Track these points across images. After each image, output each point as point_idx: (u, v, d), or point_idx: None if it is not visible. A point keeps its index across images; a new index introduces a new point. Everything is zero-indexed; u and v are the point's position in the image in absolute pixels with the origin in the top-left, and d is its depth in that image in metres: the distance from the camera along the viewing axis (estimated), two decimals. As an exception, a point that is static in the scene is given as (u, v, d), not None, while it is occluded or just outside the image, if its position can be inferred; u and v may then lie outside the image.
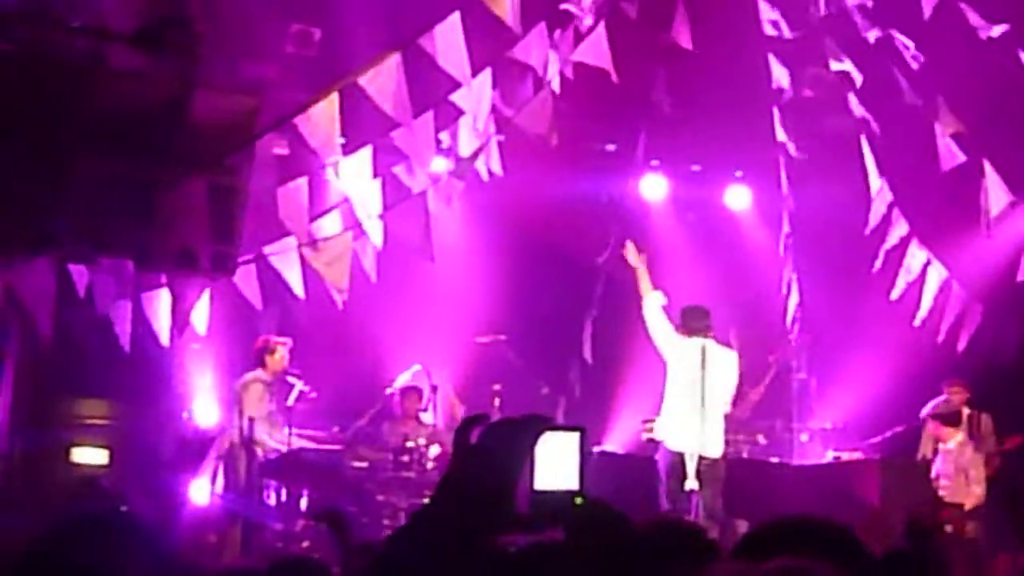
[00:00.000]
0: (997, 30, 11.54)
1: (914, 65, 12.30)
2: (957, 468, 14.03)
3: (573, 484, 2.56)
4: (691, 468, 12.49)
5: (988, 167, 12.06)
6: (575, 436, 2.58)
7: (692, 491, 12.44)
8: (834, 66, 13.04)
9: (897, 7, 12.53)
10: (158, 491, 13.48)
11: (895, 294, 13.64)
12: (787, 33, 13.01)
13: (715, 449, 12.77)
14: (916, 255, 13.44)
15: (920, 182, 13.00)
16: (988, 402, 15.16)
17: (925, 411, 14.52)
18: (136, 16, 9.63)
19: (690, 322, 13.00)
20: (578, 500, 2.55)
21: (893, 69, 12.46)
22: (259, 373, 13.96)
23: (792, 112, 14.31)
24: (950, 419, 14.42)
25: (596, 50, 11.72)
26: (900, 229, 13.55)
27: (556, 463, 2.55)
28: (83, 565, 3.27)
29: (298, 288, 11.45)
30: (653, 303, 13.11)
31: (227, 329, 12.98)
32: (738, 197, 18.43)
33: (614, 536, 2.67)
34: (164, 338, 11.50)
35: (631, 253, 13.39)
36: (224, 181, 9.93)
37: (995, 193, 12.06)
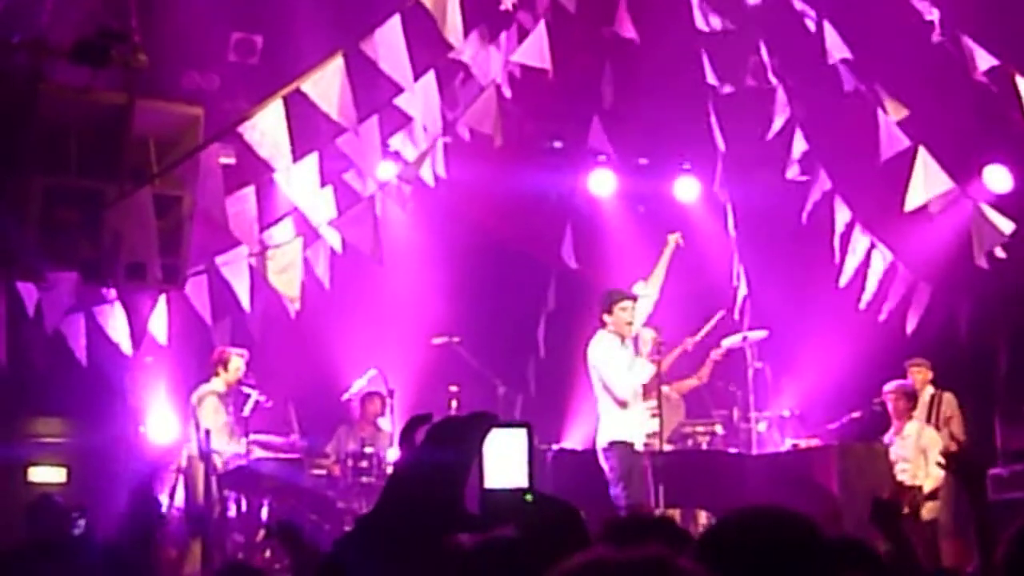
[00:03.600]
0: (933, 17, 11.59)
1: (847, 54, 12.33)
2: (916, 449, 14.08)
3: (522, 481, 2.54)
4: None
5: (924, 152, 12.11)
6: (523, 432, 2.56)
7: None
8: (766, 57, 13.10)
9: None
10: (117, 507, 13.40)
11: (843, 280, 13.72)
12: (719, 26, 13.07)
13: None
14: (860, 240, 13.52)
15: (862, 167, 13.05)
16: (944, 381, 15.24)
17: (887, 388, 14.54)
18: (76, 30, 9.57)
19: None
20: (528, 497, 2.53)
21: (830, 56, 12.49)
22: (214, 385, 13.92)
23: (736, 102, 14.35)
24: (910, 395, 14.48)
25: (536, 50, 11.72)
26: (843, 215, 13.63)
27: (505, 461, 2.53)
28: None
29: (245, 299, 11.42)
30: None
31: (181, 341, 12.90)
32: (687, 189, 18.45)
33: (567, 531, 2.65)
34: (126, 349, 11.46)
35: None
36: (170, 192, 9.89)
37: (931, 179, 12.11)
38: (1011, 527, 4.31)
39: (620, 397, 12.72)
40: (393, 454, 14.16)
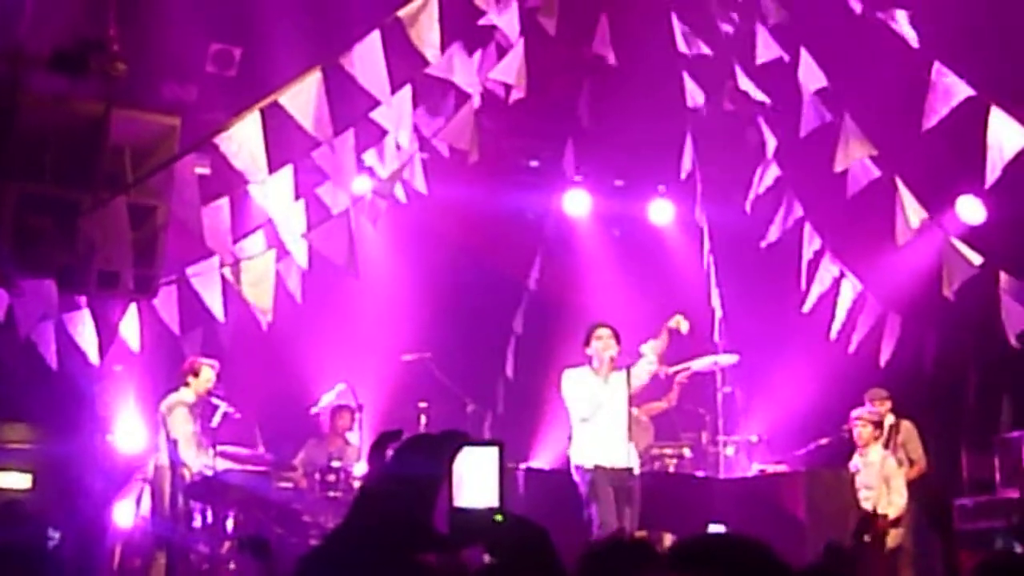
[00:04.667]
0: (908, 44, 11.62)
1: (821, 83, 12.36)
2: (880, 477, 14.15)
3: (493, 501, 2.52)
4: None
5: (900, 184, 12.15)
6: (494, 451, 2.54)
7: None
8: (742, 84, 13.13)
9: (807, 25, 12.62)
10: (82, 515, 13.34)
11: (807, 307, 13.76)
12: (703, 49, 13.10)
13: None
14: (829, 269, 13.55)
15: (834, 196, 13.08)
16: (911, 411, 15.30)
17: (856, 414, 14.61)
18: (55, 39, 9.56)
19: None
20: (498, 517, 2.51)
21: (801, 87, 12.52)
22: (183, 395, 13.88)
23: (713, 126, 14.38)
24: (878, 423, 14.57)
25: (512, 69, 11.74)
26: (814, 244, 13.66)
27: (475, 480, 2.51)
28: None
29: (218, 311, 11.39)
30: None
31: (152, 351, 12.86)
32: (661, 212, 18.50)
33: (535, 553, 2.65)
34: (93, 357, 11.43)
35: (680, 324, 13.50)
36: (145, 202, 9.87)
37: (910, 209, 12.16)
38: (976, 558, 4.34)
39: (581, 415, 12.86)
40: (361, 468, 14.12)
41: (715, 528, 11.93)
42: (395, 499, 2.39)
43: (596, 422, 12.81)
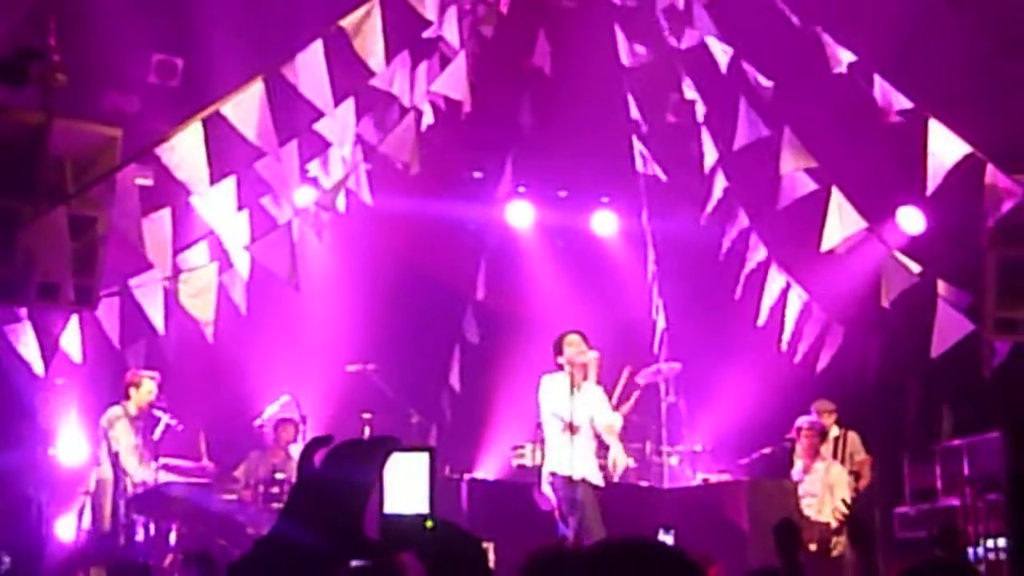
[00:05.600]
0: (847, 59, 11.70)
1: (765, 93, 12.42)
2: (823, 485, 14.25)
3: (424, 507, 2.53)
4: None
5: (836, 194, 12.22)
6: (425, 457, 2.54)
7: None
8: (687, 94, 13.18)
9: (748, 37, 12.69)
10: (24, 529, 13.26)
11: (761, 320, 13.75)
12: (643, 59, 13.15)
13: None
14: (776, 279, 13.60)
15: (775, 207, 13.14)
16: (854, 420, 15.39)
17: (798, 423, 14.70)
18: (-6, 48, 9.52)
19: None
20: (428, 523, 2.52)
21: (742, 99, 12.59)
22: (124, 407, 13.83)
23: (656, 137, 14.43)
24: (822, 433, 14.66)
25: (454, 81, 11.75)
26: (759, 254, 13.70)
27: (406, 485, 2.51)
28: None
29: (159, 323, 11.32)
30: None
31: (94, 363, 12.79)
32: (605, 222, 18.57)
33: (467, 561, 2.65)
34: (38, 369, 11.35)
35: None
36: (86, 213, 9.82)
37: (845, 219, 12.22)
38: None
39: (559, 425, 12.78)
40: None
41: (665, 537, 11.93)
42: (325, 504, 2.39)
43: (573, 432, 12.74)
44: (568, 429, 12.67)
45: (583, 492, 12.58)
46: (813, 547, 13.34)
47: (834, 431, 15.15)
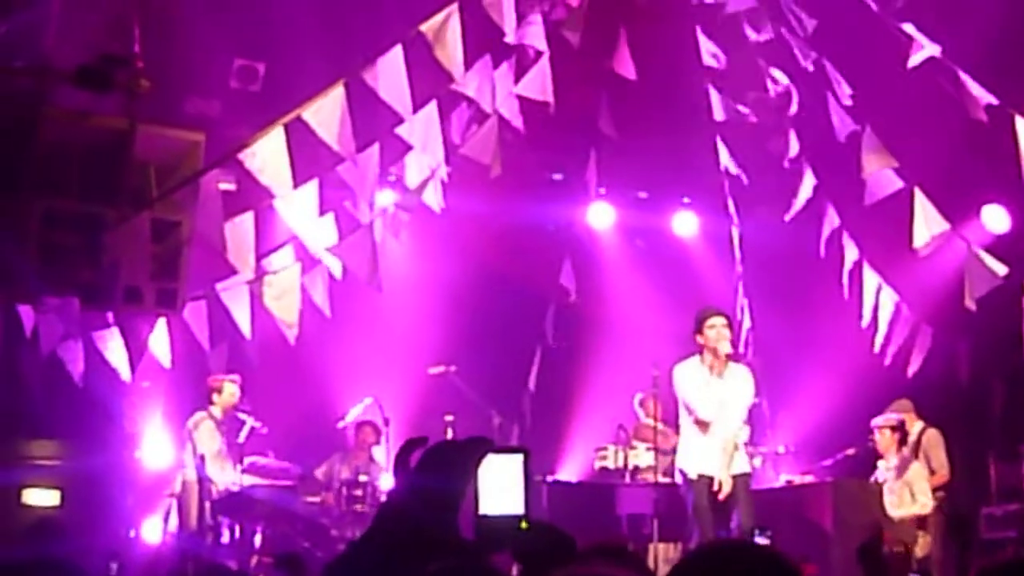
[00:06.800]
0: (920, 57, 11.58)
1: (847, 92, 12.34)
2: (903, 482, 14.12)
3: (518, 508, 2.52)
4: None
5: (919, 194, 12.10)
6: (519, 458, 2.52)
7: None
8: (777, 77, 13.08)
9: (831, 34, 12.60)
10: (111, 532, 13.37)
11: (865, 321, 13.52)
12: (723, 62, 13.08)
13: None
14: (870, 279, 13.46)
15: (861, 206, 13.01)
16: (941, 421, 15.21)
17: (873, 422, 14.58)
18: (79, 54, 9.58)
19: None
20: (523, 524, 2.50)
21: (827, 96, 12.49)
22: (209, 411, 13.93)
23: (737, 137, 14.35)
24: (899, 429, 14.53)
25: (538, 83, 11.75)
26: (851, 254, 13.56)
27: (500, 487, 2.50)
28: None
29: (245, 326, 11.39)
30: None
31: (179, 366, 12.89)
32: (685, 223, 18.50)
33: (561, 561, 2.64)
34: (125, 374, 11.46)
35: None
36: (169, 217, 9.88)
37: (930, 220, 12.09)
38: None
39: (701, 417, 12.14)
40: (387, 482, 14.13)
41: (760, 539, 11.67)
42: (420, 506, 2.38)
43: (707, 423, 12.16)
44: (697, 424, 12.17)
45: (698, 492, 11.95)
46: (900, 549, 13.20)
47: (916, 427, 14.98)
